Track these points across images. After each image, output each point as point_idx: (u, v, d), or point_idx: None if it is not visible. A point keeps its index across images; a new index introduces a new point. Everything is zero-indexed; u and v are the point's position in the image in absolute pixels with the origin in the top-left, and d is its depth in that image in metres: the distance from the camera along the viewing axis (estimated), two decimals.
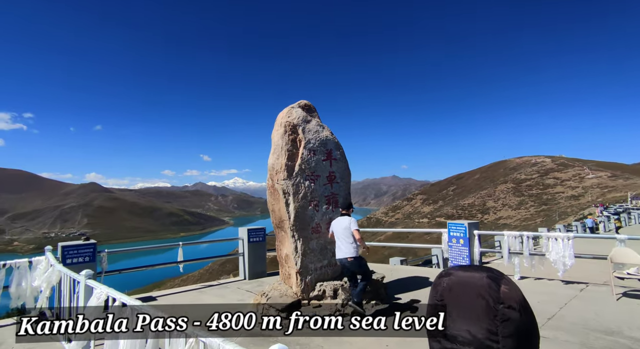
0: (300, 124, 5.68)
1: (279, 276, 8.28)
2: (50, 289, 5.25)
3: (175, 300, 6.48)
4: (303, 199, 5.47)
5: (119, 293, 3.03)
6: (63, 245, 5.86)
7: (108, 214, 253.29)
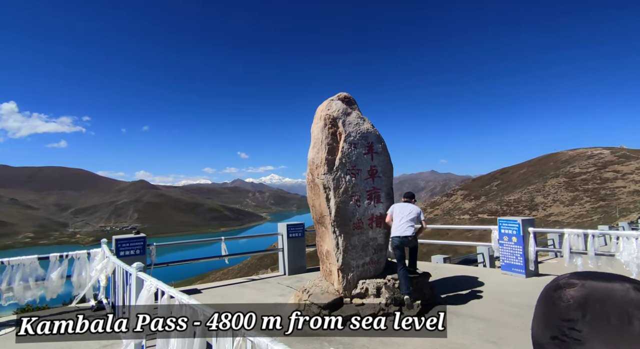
0: (340, 117, 5.51)
1: (319, 272, 8.25)
2: (107, 279, 5.56)
3: (219, 293, 6.63)
4: (344, 194, 5.31)
5: (167, 286, 3.07)
6: (117, 238, 6.20)
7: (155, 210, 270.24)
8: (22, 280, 5.56)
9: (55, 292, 5.82)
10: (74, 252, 5.97)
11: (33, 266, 5.70)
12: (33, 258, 5.71)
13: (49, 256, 5.81)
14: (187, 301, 2.66)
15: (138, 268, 3.70)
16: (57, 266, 5.81)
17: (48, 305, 6.70)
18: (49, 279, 5.71)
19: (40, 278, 5.70)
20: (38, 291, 5.70)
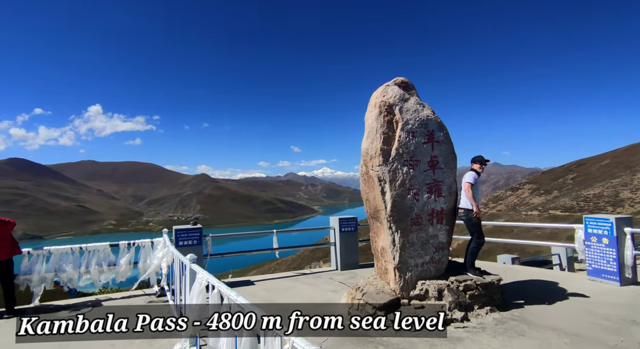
0: (396, 104, 5.06)
1: (373, 269, 7.90)
2: (168, 267, 5.81)
3: (271, 286, 6.62)
4: (401, 187, 4.88)
5: (218, 281, 2.98)
6: (176, 229, 6.47)
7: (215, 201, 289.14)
8: (97, 264, 6.05)
9: (124, 276, 6.25)
10: (140, 241, 6.35)
11: (106, 252, 6.17)
12: (106, 245, 6.18)
13: (119, 244, 6.25)
14: (236, 299, 2.53)
15: (191, 260, 3.70)
16: (125, 253, 6.23)
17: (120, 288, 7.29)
18: (119, 265, 6.14)
19: (112, 263, 6.16)
20: (110, 275, 6.16)
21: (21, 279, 5.61)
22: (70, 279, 5.87)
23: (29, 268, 5.70)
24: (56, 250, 5.89)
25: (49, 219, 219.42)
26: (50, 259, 5.85)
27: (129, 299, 6.04)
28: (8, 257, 5.42)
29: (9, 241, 5.43)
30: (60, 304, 5.87)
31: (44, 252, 5.82)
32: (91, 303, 5.77)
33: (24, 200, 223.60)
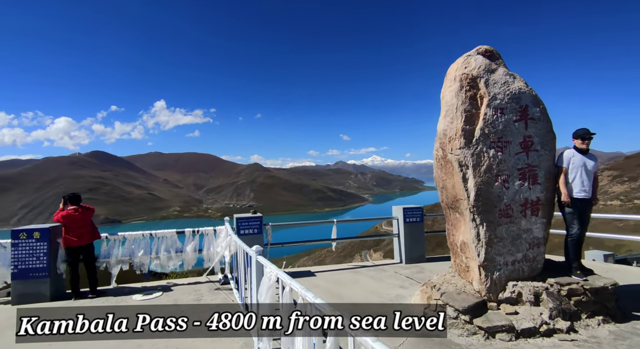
0: (481, 76, 4.31)
1: (442, 263, 7.25)
2: (230, 256, 5.76)
3: (333, 278, 6.32)
4: (487, 173, 4.18)
5: (288, 277, 2.67)
6: (237, 217, 6.42)
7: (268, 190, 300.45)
8: (166, 251, 6.22)
9: (190, 263, 6.37)
10: (203, 229, 6.41)
11: (173, 238, 6.32)
12: (172, 232, 6.33)
13: (185, 231, 6.37)
14: (313, 300, 2.18)
15: (257, 252, 3.47)
16: (190, 240, 6.33)
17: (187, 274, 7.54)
18: (185, 252, 6.26)
19: (179, 250, 6.30)
20: (177, 261, 6.32)
21: (100, 262, 5.96)
22: (142, 264, 6.11)
23: (108, 251, 6.03)
24: (130, 236, 6.16)
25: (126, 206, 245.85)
26: (125, 244, 6.14)
27: (195, 285, 6.14)
28: (90, 242, 5.76)
29: (90, 227, 5.77)
30: (135, 286, 6.17)
31: (119, 238, 6.12)
32: (161, 288, 5.96)
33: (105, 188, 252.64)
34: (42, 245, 5.53)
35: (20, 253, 5.46)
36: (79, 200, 5.78)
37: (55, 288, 5.61)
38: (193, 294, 5.62)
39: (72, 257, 5.60)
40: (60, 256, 5.67)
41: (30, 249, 5.50)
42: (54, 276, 5.61)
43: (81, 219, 5.63)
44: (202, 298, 5.42)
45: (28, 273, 5.44)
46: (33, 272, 5.46)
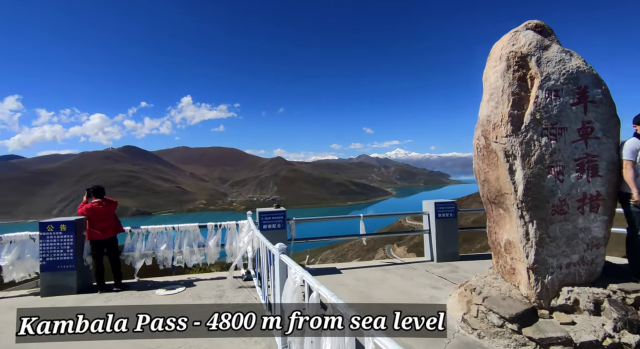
0: (532, 53, 3.79)
1: (472, 261, 6.75)
2: (253, 251, 5.56)
3: (361, 276, 5.99)
4: (538, 164, 3.69)
5: (314, 280, 2.36)
6: (260, 212, 6.20)
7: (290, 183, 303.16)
8: (188, 245, 6.11)
9: (213, 258, 6.24)
10: (226, 223, 6.24)
11: (195, 233, 6.20)
12: (195, 226, 6.21)
13: (207, 225, 6.23)
14: (345, 313, 1.87)
15: (281, 250, 3.19)
16: (213, 235, 6.19)
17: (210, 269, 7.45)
18: (208, 246, 6.13)
19: (201, 244, 6.17)
20: (200, 256, 6.20)
21: (125, 256, 5.93)
22: (165, 258, 6.04)
23: (131, 245, 5.99)
24: (153, 229, 6.09)
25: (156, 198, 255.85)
26: (148, 238, 6.08)
27: (217, 281, 6.00)
28: (114, 235, 5.73)
29: (113, 220, 5.73)
30: (158, 280, 6.11)
31: (142, 231, 6.06)
32: (183, 283, 5.85)
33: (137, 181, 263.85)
34: (68, 237, 5.54)
35: (47, 245, 5.50)
36: (102, 193, 5.74)
37: (81, 281, 5.63)
38: (215, 290, 5.47)
39: (97, 251, 5.59)
40: (86, 249, 5.67)
41: (57, 242, 5.52)
42: (81, 268, 5.62)
43: (105, 212, 5.59)
44: (225, 294, 5.26)
45: (55, 265, 5.48)
46: (60, 264, 5.49)
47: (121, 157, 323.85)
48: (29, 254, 5.60)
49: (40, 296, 5.42)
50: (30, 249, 5.65)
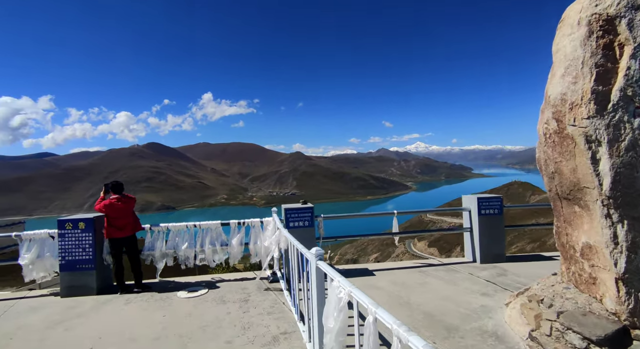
0: (622, 15, 3.07)
1: (521, 262, 6.05)
2: (279, 251, 5.10)
3: (397, 280, 5.43)
4: (629, 151, 3.00)
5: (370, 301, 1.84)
6: (286, 208, 5.73)
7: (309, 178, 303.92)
8: (211, 244, 5.74)
9: (236, 257, 5.84)
10: (249, 220, 5.82)
11: (217, 230, 5.81)
12: (217, 223, 5.82)
13: (230, 222, 5.83)
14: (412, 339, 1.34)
15: (318, 256, 2.69)
16: (236, 233, 5.78)
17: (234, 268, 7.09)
18: (231, 245, 5.73)
19: (224, 243, 5.79)
20: (223, 255, 5.82)
21: (145, 255, 5.62)
22: (187, 258, 5.69)
23: (152, 244, 5.68)
24: (173, 227, 5.74)
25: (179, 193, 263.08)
26: (169, 236, 5.75)
27: (242, 282, 5.60)
28: (132, 233, 5.42)
29: (131, 217, 5.42)
30: (180, 281, 5.78)
31: (162, 229, 5.73)
32: (206, 284, 5.49)
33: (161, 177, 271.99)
34: (87, 236, 5.28)
35: (66, 244, 5.25)
36: (121, 188, 5.43)
37: (101, 281, 5.37)
38: (240, 292, 5.06)
39: (116, 250, 5.29)
40: (106, 248, 5.39)
41: (76, 240, 5.27)
42: (100, 268, 5.36)
43: (124, 209, 5.28)
44: (250, 297, 4.84)
45: (75, 265, 5.23)
46: (80, 264, 5.24)
47: (146, 153, 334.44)
48: (48, 253, 5.38)
49: (60, 296, 5.19)
50: (50, 247, 5.43)
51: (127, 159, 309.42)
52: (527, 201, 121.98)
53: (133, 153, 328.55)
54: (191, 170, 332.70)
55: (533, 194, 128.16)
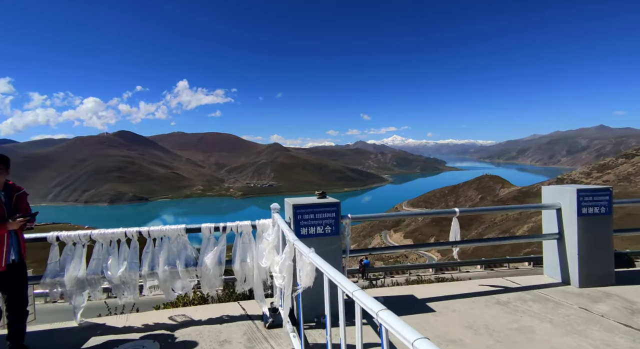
0: None
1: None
2: (293, 280, 2.85)
3: (468, 319, 3.36)
4: None
5: None
6: (296, 205, 3.46)
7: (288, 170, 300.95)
8: (168, 264, 3.44)
9: (213, 285, 3.57)
10: (234, 224, 3.55)
11: (181, 242, 3.51)
12: (180, 229, 3.50)
13: (201, 228, 3.54)
14: None
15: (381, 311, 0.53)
16: (211, 245, 3.51)
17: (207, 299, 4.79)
18: (203, 265, 3.46)
19: (191, 261, 3.51)
20: (190, 280, 3.54)
21: (48, 283, 3.25)
22: (126, 286, 3.38)
23: (62, 263, 3.31)
24: (102, 236, 3.38)
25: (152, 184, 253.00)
26: (95, 250, 3.40)
27: (220, 325, 3.37)
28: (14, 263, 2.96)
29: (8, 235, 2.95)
30: (113, 326, 3.46)
31: (80, 239, 3.35)
32: (154, 337, 3.19)
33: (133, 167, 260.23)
34: None
35: None
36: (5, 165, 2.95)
37: None
38: (217, 347, 2.84)
39: None
40: None
41: None
42: None
43: None
44: None
45: None
46: None
47: (116, 142, 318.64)
48: None
49: None
50: None
51: (96, 147, 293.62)
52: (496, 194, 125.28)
53: (102, 141, 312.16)
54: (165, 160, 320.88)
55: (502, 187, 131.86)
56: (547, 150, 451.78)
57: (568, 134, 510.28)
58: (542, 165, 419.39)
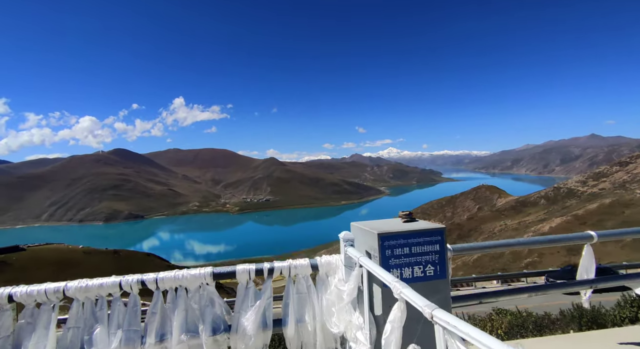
0: None
1: None
2: None
3: None
4: None
5: None
6: (381, 234, 2.25)
7: (285, 184, 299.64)
8: (187, 331, 2.20)
9: None
10: (284, 264, 2.33)
11: (206, 295, 2.28)
12: (204, 275, 2.26)
13: (235, 271, 2.31)
14: None
15: None
16: (251, 298, 2.29)
17: None
18: (239, 331, 2.22)
19: (223, 326, 2.27)
20: None
21: None
22: None
23: (17, 339, 2.06)
24: (83, 290, 2.12)
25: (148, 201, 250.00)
26: (72, 314, 2.15)
27: None
28: None
29: None
30: None
31: (48, 297, 2.11)
32: None
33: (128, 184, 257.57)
34: None
35: None
36: None
37: None
38: None
39: None
40: None
41: None
42: None
43: None
44: None
45: None
46: None
47: (112, 160, 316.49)
48: None
49: None
50: None
51: (92, 165, 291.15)
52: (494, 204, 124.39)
53: (98, 160, 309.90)
54: (161, 177, 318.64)
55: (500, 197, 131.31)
56: (541, 159, 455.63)
57: (561, 143, 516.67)
58: (537, 174, 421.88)
